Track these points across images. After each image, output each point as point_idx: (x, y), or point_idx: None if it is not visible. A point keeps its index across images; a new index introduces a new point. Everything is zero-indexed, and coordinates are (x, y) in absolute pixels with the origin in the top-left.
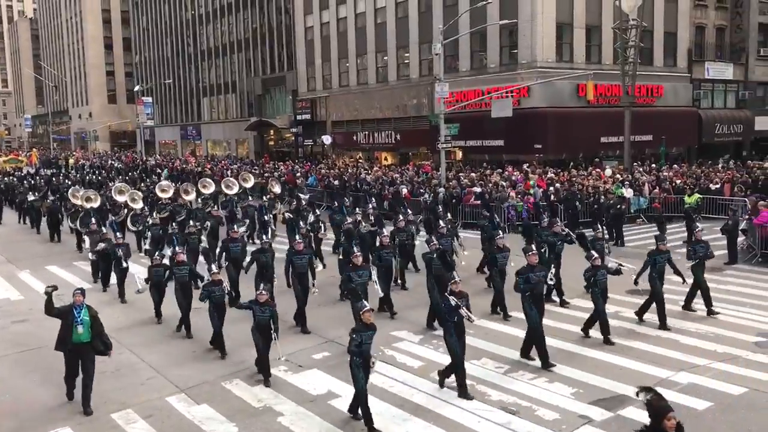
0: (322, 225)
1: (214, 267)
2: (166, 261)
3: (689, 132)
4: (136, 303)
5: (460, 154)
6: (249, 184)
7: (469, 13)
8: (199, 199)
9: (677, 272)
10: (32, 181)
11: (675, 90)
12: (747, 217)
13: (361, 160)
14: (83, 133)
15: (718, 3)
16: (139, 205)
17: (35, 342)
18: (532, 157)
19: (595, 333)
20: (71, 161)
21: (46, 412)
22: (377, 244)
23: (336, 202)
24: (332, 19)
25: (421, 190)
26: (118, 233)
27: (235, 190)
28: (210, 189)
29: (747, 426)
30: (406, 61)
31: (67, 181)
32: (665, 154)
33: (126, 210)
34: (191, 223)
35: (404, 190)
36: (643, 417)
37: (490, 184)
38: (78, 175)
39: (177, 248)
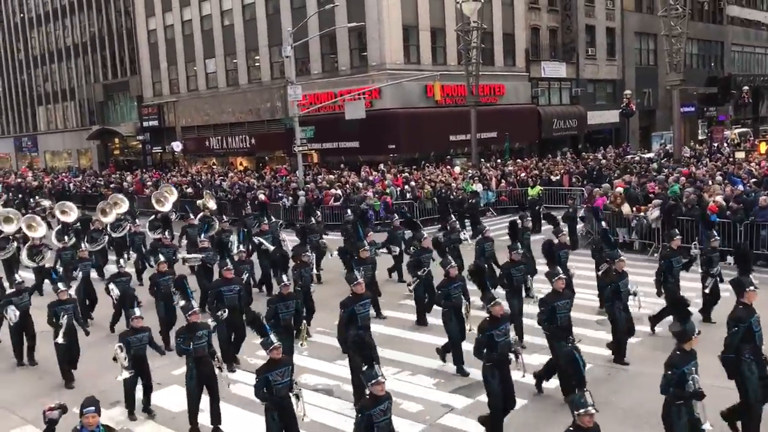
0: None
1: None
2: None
3: (530, 128)
4: None
5: (316, 157)
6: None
7: (318, 16)
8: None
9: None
10: None
11: (515, 88)
12: (584, 205)
13: (215, 166)
14: None
15: (549, 6)
16: (39, 233)
17: None
18: (386, 157)
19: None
20: None
21: None
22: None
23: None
24: (176, 22)
25: (279, 194)
26: None
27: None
28: (123, 207)
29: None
30: (256, 64)
31: None
32: (509, 150)
33: (16, 243)
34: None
35: (262, 196)
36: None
37: (347, 185)
38: None
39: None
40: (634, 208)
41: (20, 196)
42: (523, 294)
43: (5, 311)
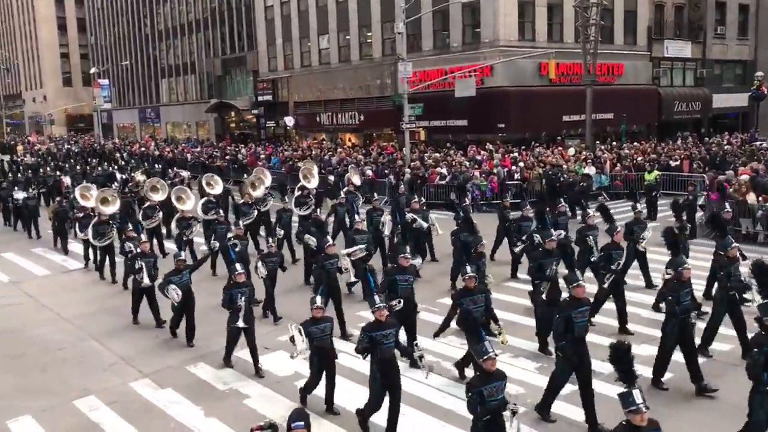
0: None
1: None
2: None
3: (649, 110)
4: (99, 293)
5: (423, 135)
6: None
7: None
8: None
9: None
10: (15, 174)
11: (635, 68)
12: (705, 192)
13: (325, 141)
14: (38, 117)
15: None
16: (188, 206)
17: None
18: (495, 137)
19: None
20: (19, 148)
21: (4, 401)
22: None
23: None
24: None
25: (386, 172)
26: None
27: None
28: (217, 188)
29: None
30: (368, 41)
31: (58, 173)
32: (626, 132)
33: (161, 213)
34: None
35: (369, 172)
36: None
37: (454, 164)
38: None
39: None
40: (761, 198)
41: (157, 166)
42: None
43: (166, 290)
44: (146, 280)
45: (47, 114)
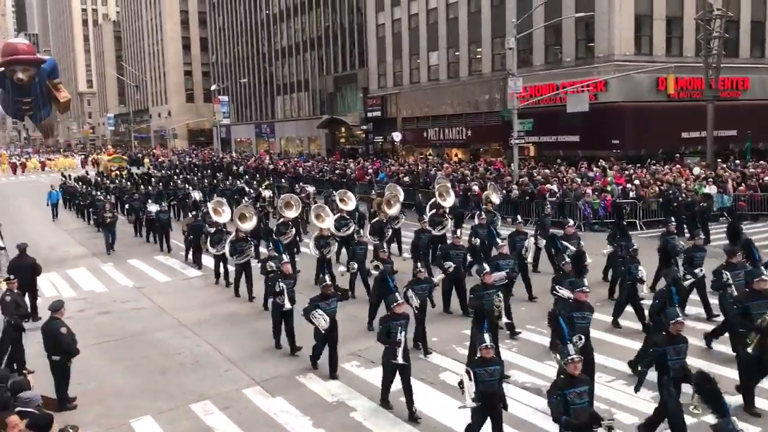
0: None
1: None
2: None
3: None
4: (214, 299)
5: (533, 150)
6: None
7: (544, 6)
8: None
9: None
10: (148, 186)
11: (762, 82)
12: None
13: (430, 156)
14: (162, 130)
15: None
16: (326, 223)
17: (118, 333)
18: (608, 153)
19: None
20: (146, 161)
21: (128, 400)
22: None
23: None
24: (404, 16)
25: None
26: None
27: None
28: (351, 204)
29: None
30: (478, 56)
31: (187, 186)
32: (751, 149)
33: (293, 229)
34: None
35: (476, 188)
36: None
37: (565, 181)
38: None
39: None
40: None
41: (283, 181)
42: None
43: (313, 315)
44: (288, 304)
45: (171, 128)
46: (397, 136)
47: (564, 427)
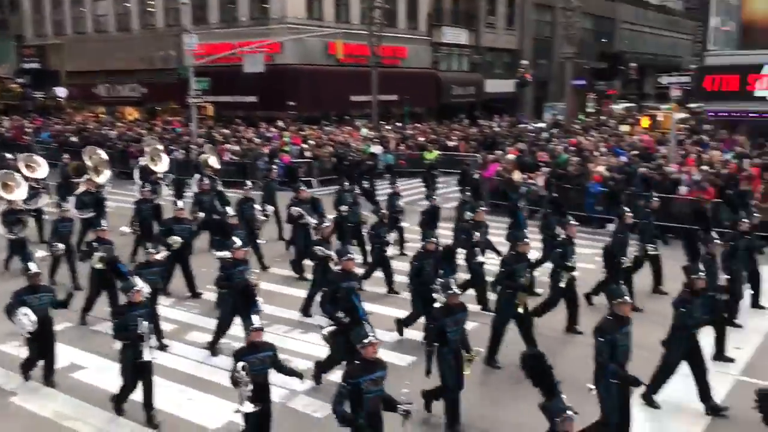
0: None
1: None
2: None
3: (430, 93)
4: None
5: (211, 110)
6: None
7: None
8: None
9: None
10: None
11: (417, 52)
12: (479, 171)
13: (103, 115)
14: None
15: None
16: (16, 194)
17: None
18: (286, 114)
19: None
20: None
21: None
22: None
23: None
24: None
25: (171, 148)
26: None
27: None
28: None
29: None
30: (150, 9)
31: None
32: (409, 113)
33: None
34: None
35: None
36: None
37: (244, 141)
38: None
39: None
40: (525, 175)
41: None
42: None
43: (15, 315)
44: None
45: None
46: (61, 92)
47: (341, 420)
